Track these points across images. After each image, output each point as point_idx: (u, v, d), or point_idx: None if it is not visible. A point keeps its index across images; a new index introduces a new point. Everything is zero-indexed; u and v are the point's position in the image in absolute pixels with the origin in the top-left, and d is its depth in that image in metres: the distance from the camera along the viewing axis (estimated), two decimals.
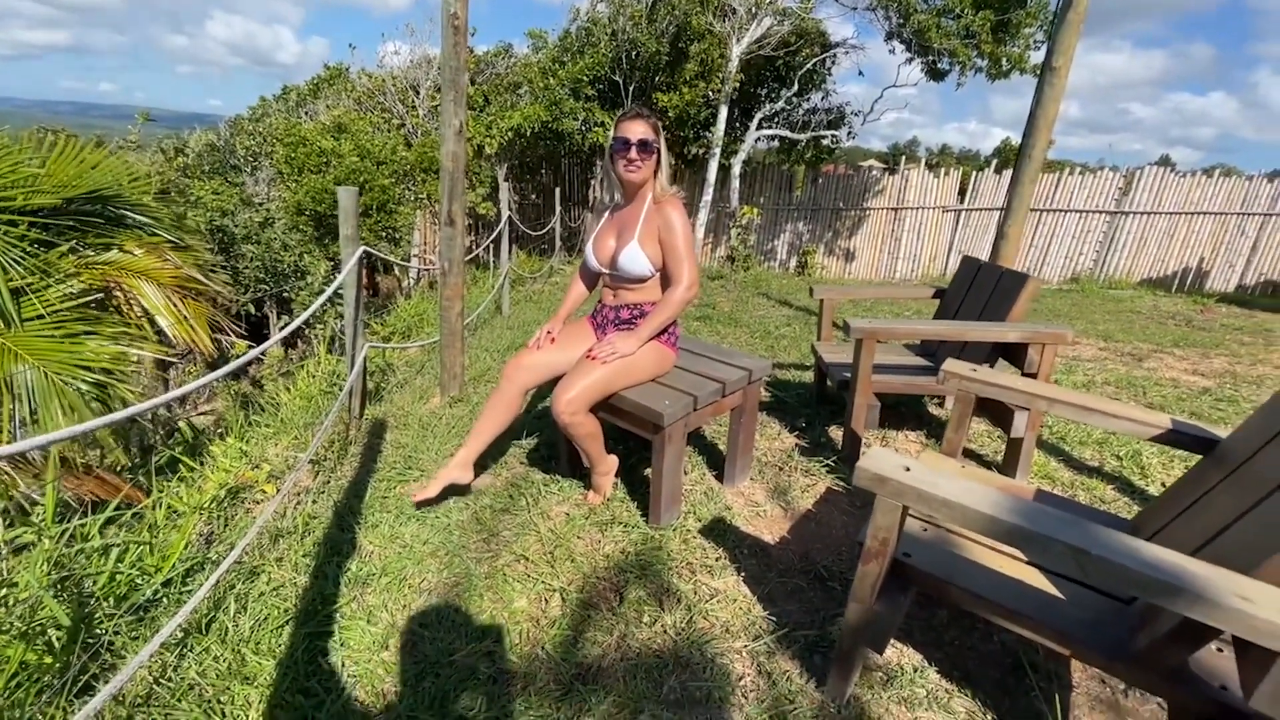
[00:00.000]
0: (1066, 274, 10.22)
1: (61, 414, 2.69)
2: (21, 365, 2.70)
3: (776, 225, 11.22)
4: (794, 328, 5.21)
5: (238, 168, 12.20)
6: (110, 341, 2.97)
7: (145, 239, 3.84)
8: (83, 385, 2.75)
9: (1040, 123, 3.44)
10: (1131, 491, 2.50)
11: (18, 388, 2.68)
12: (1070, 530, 1.10)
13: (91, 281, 3.43)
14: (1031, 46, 8.19)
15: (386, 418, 3.18)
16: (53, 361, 2.75)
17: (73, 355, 2.80)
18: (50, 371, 2.76)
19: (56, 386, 2.73)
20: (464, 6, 2.80)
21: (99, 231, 3.63)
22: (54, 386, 2.72)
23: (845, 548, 2.10)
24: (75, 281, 3.33)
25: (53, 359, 2.76)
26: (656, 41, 9.46)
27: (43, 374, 2.71)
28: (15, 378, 2.68)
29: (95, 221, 3.64)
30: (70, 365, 2.77)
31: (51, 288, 2.96)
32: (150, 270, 3.68)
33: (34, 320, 2.85)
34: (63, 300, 2.96)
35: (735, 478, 2.42)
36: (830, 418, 3.12)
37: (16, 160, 3.47)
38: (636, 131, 2.00)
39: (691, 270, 2.03)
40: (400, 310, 6.95)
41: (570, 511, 2.24)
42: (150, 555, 1.91)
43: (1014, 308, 2.51)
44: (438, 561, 1.96)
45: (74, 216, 3.59)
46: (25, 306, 2.87)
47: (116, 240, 3.70)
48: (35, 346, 2.75)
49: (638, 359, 2.06)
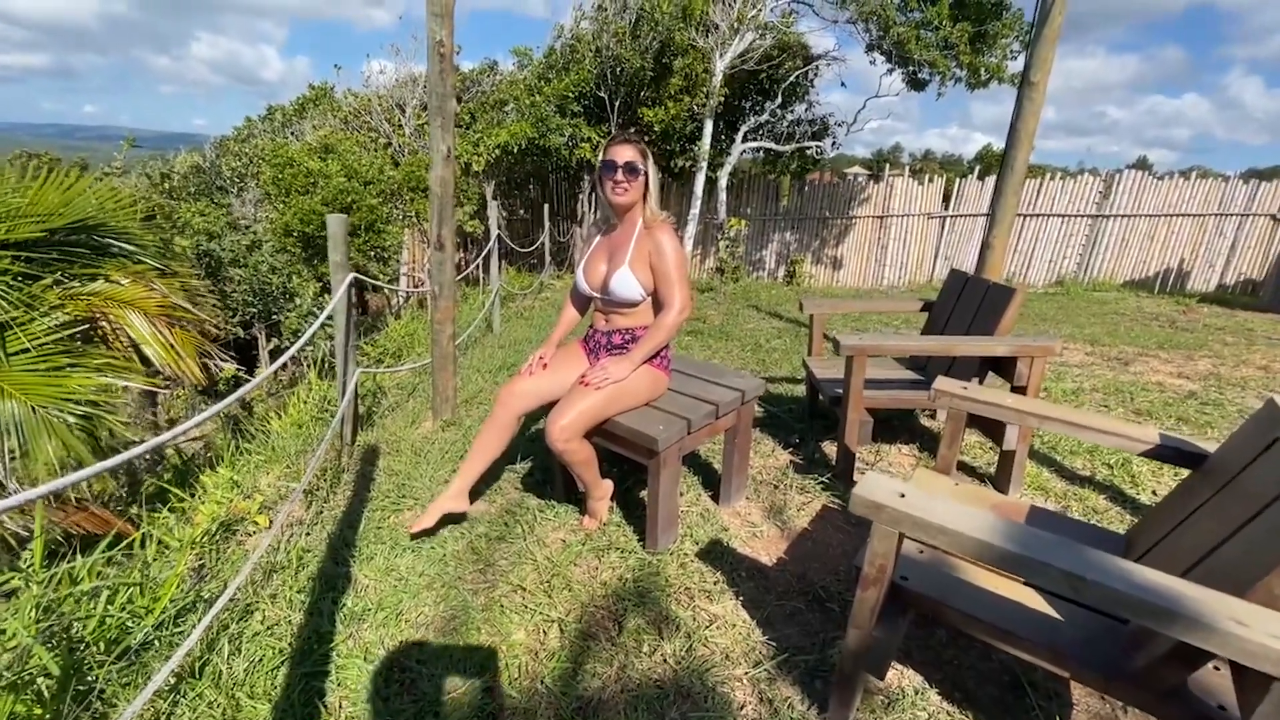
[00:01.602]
0: (1051, 277, 10.34)
1: (50, 447, 2.65)
2: (8, 401, 2.66)
3: (764, 235, 11.30)
4: (784, 340, 5.23)
5: (224, 189, 12.14)
6: (96, 373, 2.93)
7: (131, 267, 3.82)
8: (70, 418, 2.72)
9: (1021, 135, 3.50)
10: (1123, 501, 2.52)
11: (5, 422, 2.64)
12: (1065, 555, 1.11)
13: (77, 313, 3.40)
14: (1009, 56, 8.34)
15: (379, 444, 3.16)
16: (39, 396, 2.72)
17: (59, 389, 2.77)
18: (37, 406, 2.73)
19: (45, 420, 2.69)
20: (449, 34, 2.82)
21: (84, 262, 3.60)
22: (42, 421, 2.69)
23: (843, 567, 2.10)
24: (60, 314, 3.30)
25: (39, 393, 2.72)
26: (640, 57, 9.54)
27: (29, 409, 2.68)
28: (2, 413, 2.64)
29: (80, 252, 3.61)
30: (57, 399, 2.74)
31: (36, 321, 2.92)
32: (137, 300, 3.66)
33: (19, 354, 2.82)
34: (48, 333, 2.93)
35: (731, 498, 2.42)
36: (823, 432, 3.13)
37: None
38: (623, 155, 2.01)
39: (684, 294, 2.04)
40: (390, 331, 6.93)
41: (566, 538, 2.23)
42: (141, 596, 1.88)
43: (1002, 320, 2.53)
44: (434, 594, 1.94)
45: (58, 247, 3.56)
46: (10, 341, 2.83)
47: (102, 270, 3.67)
48: (21, 381, 2.72)
49: (631, 383, 2.06)
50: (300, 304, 7.62)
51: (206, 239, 7.65)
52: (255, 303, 7.65)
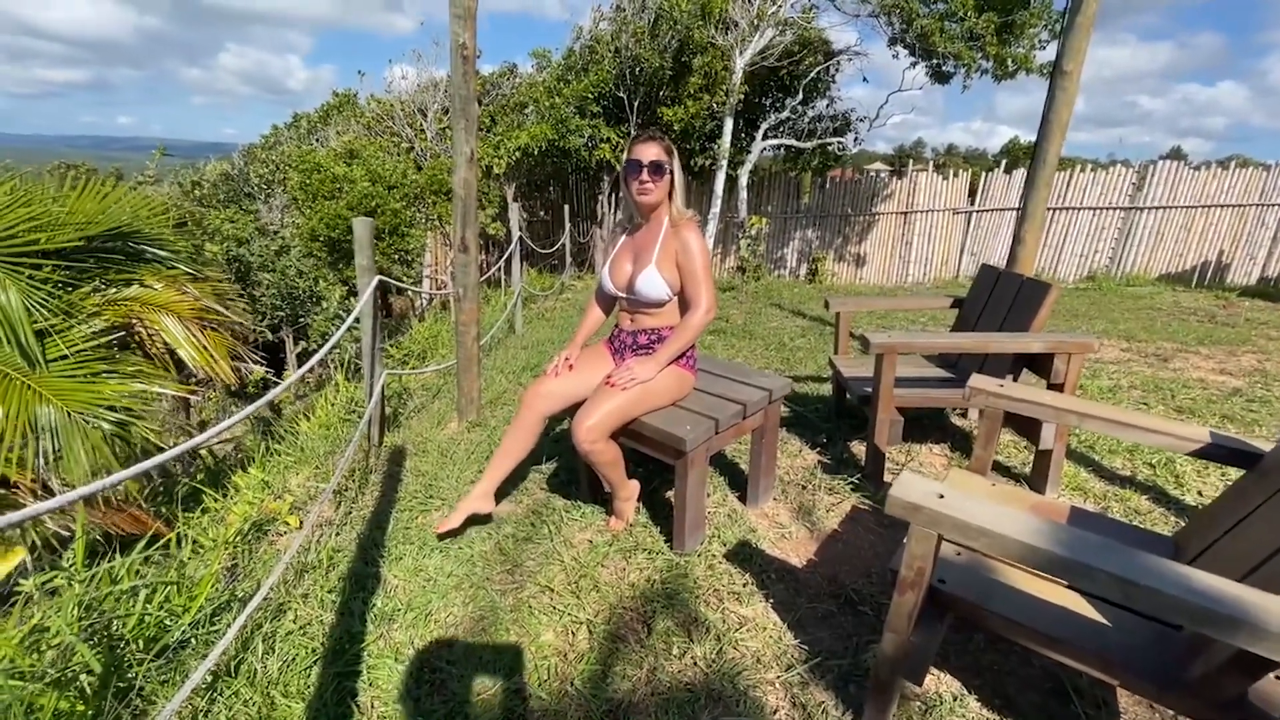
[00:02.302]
0: (1082, 272, 10.09)
1: (84, 453, 2.72)
2: (46, 406, 2.73)
3: (785, 233, 11.20)
4: (809, 338, 5.17)
5: (252, 195, 12.40)
6: (130, 379, 3.00)
7: (165, 272, 3.90)
8: (105, 424, 2.78)
9: (1053, 127, 3.40)
10: (1166, 502, 2.44)
11: (41, 428, 2.71)
12: (1115, 558, 1.06)
13: (115, 319, 3.49)
14: (1037, 46, 8.16)
15: (405, 444, 3.19)
16: (75, 402, 2.79)
17: (95, 395, 2.83)
18: (74, 412, 2.80)
19: (80, 426, 2.76)
20: (472, 36, 2.83)
21: (119, 268, 3.69)
22: (77, 427, 2.75)
23: (875, 569, 2.06)
24: (99, 320, 3.38)
25: (75, 399, 2.79)
26: (659, 56, 9.53)
27: (65, 415, 2.75)
28: (39, 418, 2.72)
29: (115, 258, 3.70)
30: (92, 405, 2.81)
31: (75, 328, 3.00)
32: (170, 304, 3.74)
33: (57, 360, 2.90)
34: (85, 340, 3.00)
35: (759, 498, 2.39)
36: (851, 432, 3.08)
37: (40, 202, 3.55)
38: (649, 154, 2.00)
39: (709, 294, 2.02)
40: (414, 333, 7.00)
41: (593, 538, 2.22)
42: (178, 595, 1.92)
43: (1036, 317, 2.46)
44: (462, 595, 1.94)
45: (95, 254, 3.65)
46: (49, 347, 2.91)
47: (137, 275, 3.76)
48: (59, 387, 2.79)
49: (657, 384, 2.05)
50: (327, 307, 7.75)
51: (236, 244, 7.81)
52: (283, 306, 7.80)
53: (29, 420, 2.71)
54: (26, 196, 3.35)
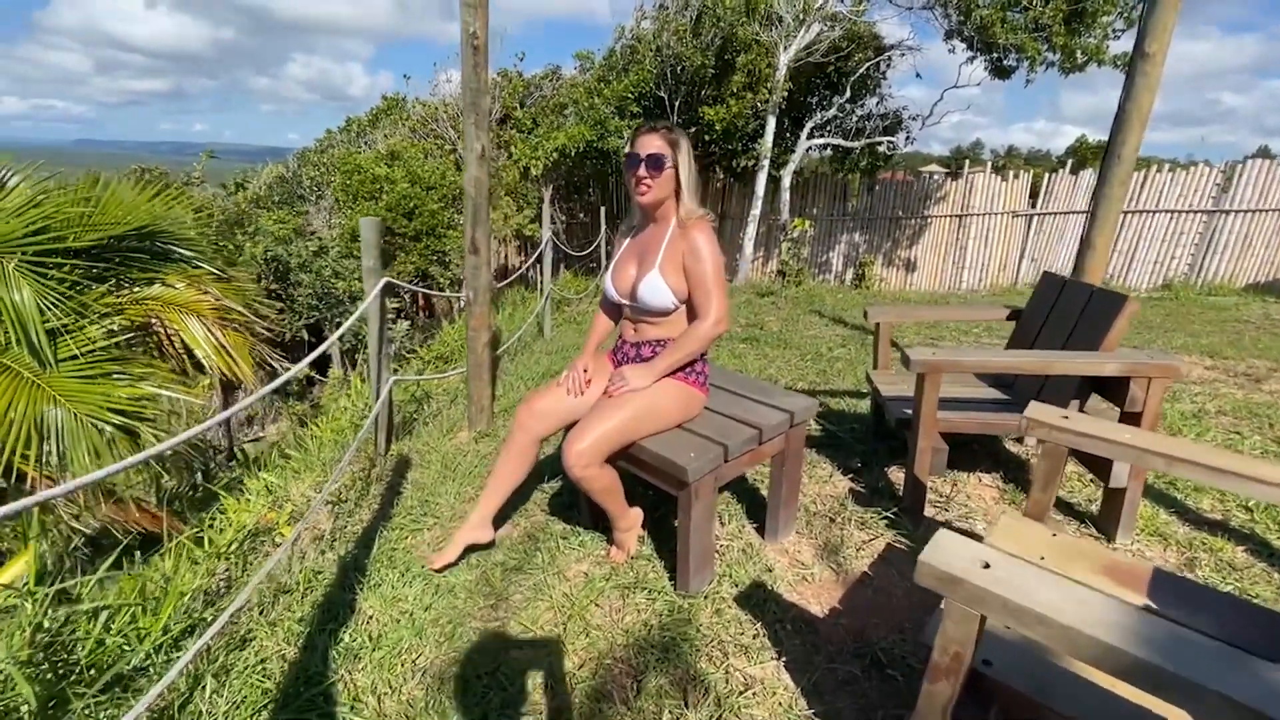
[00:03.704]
0: (1157, 280, 9.32)
1: (87, 455, 2.67)
2: (53, 407, 2.70)
3: (831, 236, 10.78)
4: (849, 349, 4.83)
5: (304, 197, 12.73)
6: (139, 381, 2.96)
7: (189, 272, 3.90)
8: (108, 427, 2.73)
9: (1132, 117, 2.99)
10: (1268, 554, 2.06)
11: (47, 428, 2.68)
12: (1234, 676, 0.78)
13: (135, 317, 3.48)
14: (1110, 36, 7.55)
15: (411, 454, 3.05)
16: (83, 404, 2.75)
17: (103, 397, 2.79)
18: (82, 414, 2.76)
19: (85, 428, 2.72)
20: (484, 25, 2.67)
21: (143, 266, 3.70)
22: (83, 428, 2.71)
23: (909, 623, 1.78)
24: (118, 319, 3.37)
25: (83, 400, 2.75)
26: (702, 55, 9.28)
27: (73, 416, 2.71)
28: (46, 418, 2.69)
29: (140, 257, 3.71)
30: (99, 407, 2.76)
31: (86, 328, 2.98)
32: (191, 303, 3.72)
33: (68, 360, 2.87)
34: (98, 340, 2.98)
35: (778, 532, 2.13)
36: (890, 456, 2.78)
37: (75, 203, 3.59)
38: (646, 147, 1.77)
39: (720, 303, 1.78)
40: (444, 334, 6.95)
41: (590, 570, 2.01)
42: (144, 615, 1.80)
43: (1109, 334, 2.12)
44: (438, 631, 1.76)
45: (121, 253, 3.67)
46: (60, 347, 2.89)
47: (161, 274, 3.76)
48: (67, 388, 2.76)
49: (661, 402, 1.82)
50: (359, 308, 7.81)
51: (276, 244, 7.96)
52: (320, 306, 7.90)
53: (35, 420, 2.68)
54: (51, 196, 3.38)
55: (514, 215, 10.27)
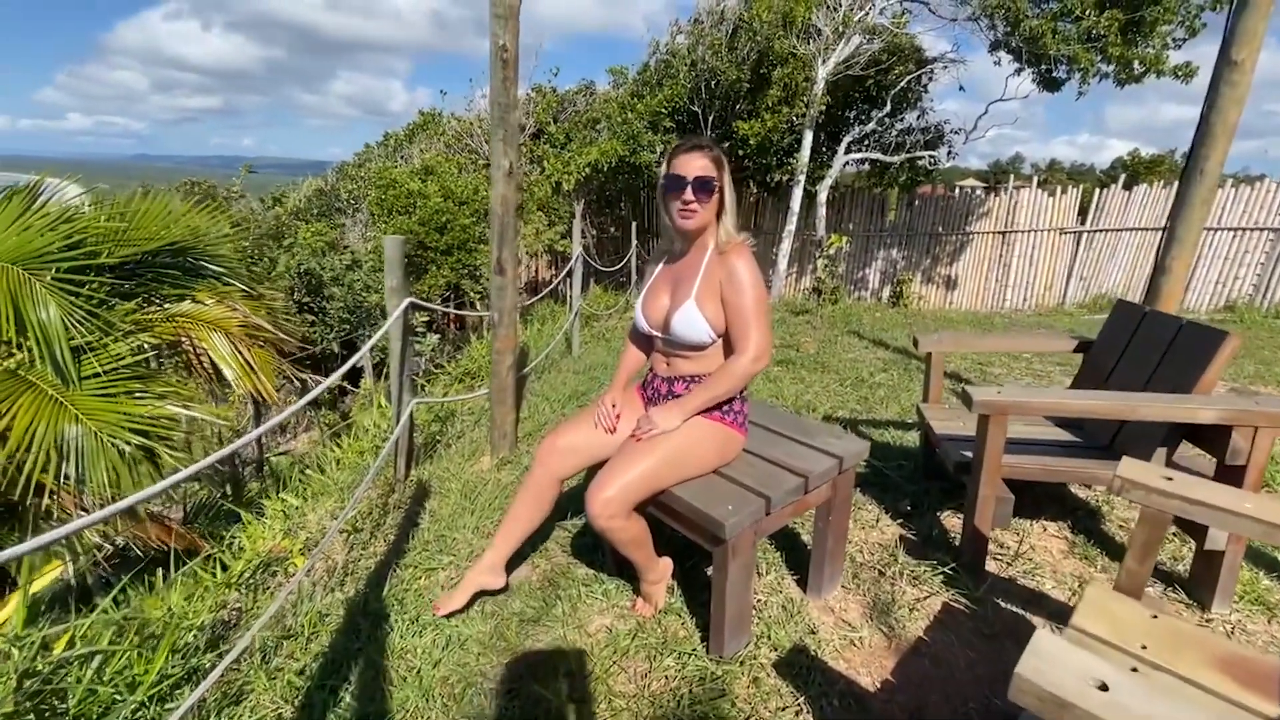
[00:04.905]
0: (1218, 301, 8.80)
1: (106, 475, 2.62)
2: (73, 424, 2.66)
3: (867, 253, 10.48)
4: (891, 374, 4.58)
5: (341, 210, 12.95)
6: (158, 400, 2.91)
7: (219, 288, 3.89)
8: (126, 447, 2.68)
9: (1217, 130, 2.72)
10: None
11: (66, 447, 2.63)
12: None
13: (164, 335, 3.46)
14: (1169, 46, 7.17)
15: (431, 479, 2.93)
16: (103, 422, 2.70)
17: (124, 416, 2.75)
18: (103, 433, 2.71)
19: (105, 448, 2.67)
20: (513, 38, 2.57)
21: (174, 282, 3.69)
22: (102, 447, 2.66)
23: (974, 703, 1.56)
24: (147, 336, 3.35)
25: (103, 419, 2.71)
26: (737, 69, 9.16)
27: (93, 434, 2.66)
28: (66, 436, 2.65)
29: (171, 273, 3.70)
30: (120, 426, 2.71)
31: (111, 346, 2.95)
32: (219, 320, 3.69)
33: (91, 378, 2.84)
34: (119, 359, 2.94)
35: (822, 588, 1.93)
36: (943, 498, 2.55)
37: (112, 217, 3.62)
38: (694, 167, 1.62)
39: (761, 337, 1.61)
40: (471, 350, 6.89)
41: (613, 625, 1.84)
42: (139, 662, 1.69)
43: (1204, 374, 1.88)
44: (446, 692, 1.61)
45: (154, 269, 3.67)
46: (84, 364, 2.86)
47: (191, 290, 3.75)
48: (88, 406, 2.72)
49: (694, 445, 1.65)
50: None
51: (310, 256, 8.05)
52: (351, 320, 7.94)
53: (55, 439, 2.64)
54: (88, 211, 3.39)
55: (545, 230, 10.25)
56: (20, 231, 3.13)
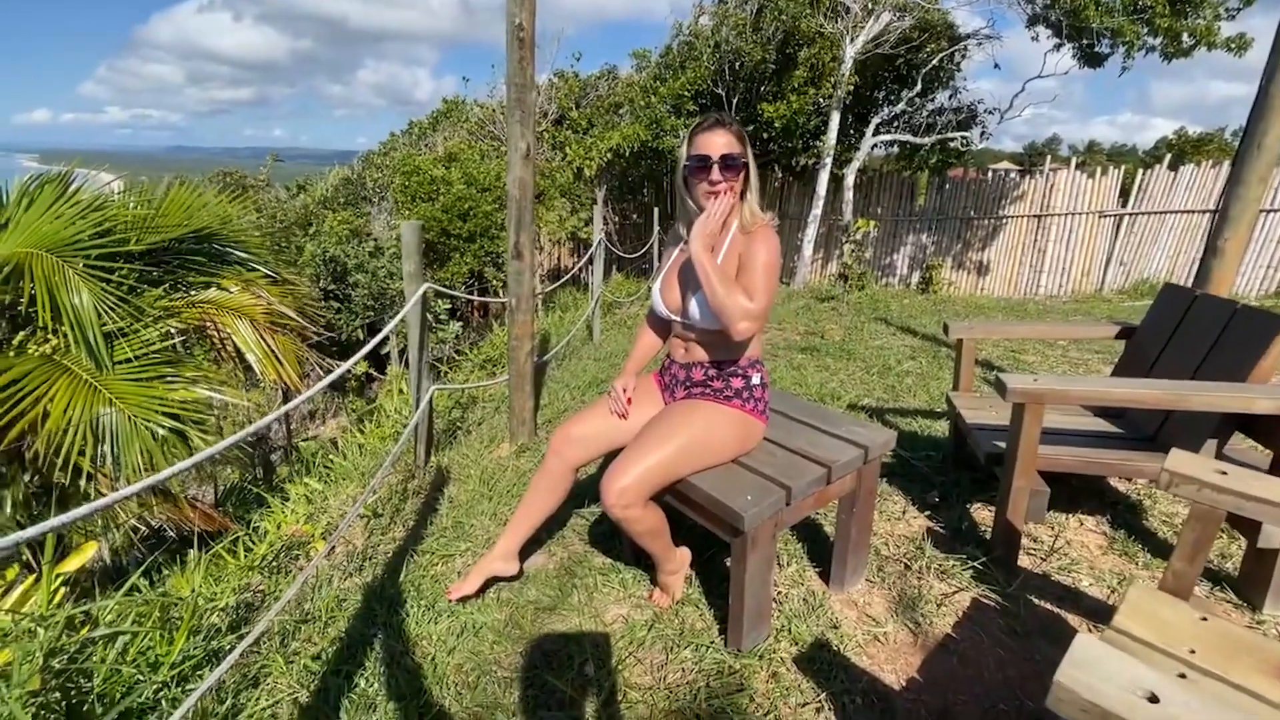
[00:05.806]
0: (1269, 286, 8.40)
1: (140, 457, 2.67)
2: (107, 408, 2.71)
3: (896, 238, 10.23)
4: (919, 361, 4.46)
5: (367, 199, 13.07)
6: (189, 384, 2.95)
7: (244, 275, 3.93)
8: (160, 429, 2.73)
9: (1275, 102, 2.54)
10: None
11: (102, 430, 2.69)
12: None
13: (190, 321, 3.51)
14: (1222, 16, 6.79)
15: (451, 465, 2.93)
16: (137, 406, 2.75)
17: (157, 400, 2.79)
18: (136, 417, 2.77)
19: (139, 430, 2.72)
20: (530, 16, 2.51)
21: (200, 268, 3.73)
22: (136, 430, 2.71)
23: (1004, 704, 1.50)
24: (176, 322, 3.41)
25: (137, 402, 2.76)
26: (762, 49, 8.94)
27: (127, 418, 2.71)
28: (101, 420, 2.70)
29: (198, 260, 3.75)
30: (153, 410, 2.76)
31: (141, 331, 3.00)
32: (244, 307, 3.73)
33: (123, 363, 2.89)
34: (150, 344, 2.99)
35: (845, 580, 1.87)
36: (973, 489, 2.46)
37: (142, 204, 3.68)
38: (718, 145, 1.55)
39: (763, 299, 1.51)
40: (493, 337, 6.91)
41: (630, 615, 1.80)
42: (161, 644, 1.71)
43: (1260, 362, 1.76)
44: (460, 680, 1.60)
45: (180, 255, 3.72)
46: (116, 349, 2.92)
47: (217, 277, 3.79)
48: (121, 390, 2.77)
49: (713, 432, 1.60)
50: None
51: (335, 244, 8.14)
52: (375, 306, 8.02)
53: (90, 422, 2.70)
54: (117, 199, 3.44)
55: (569, 218, 10.20)
56: (53, 220, 3.19)
